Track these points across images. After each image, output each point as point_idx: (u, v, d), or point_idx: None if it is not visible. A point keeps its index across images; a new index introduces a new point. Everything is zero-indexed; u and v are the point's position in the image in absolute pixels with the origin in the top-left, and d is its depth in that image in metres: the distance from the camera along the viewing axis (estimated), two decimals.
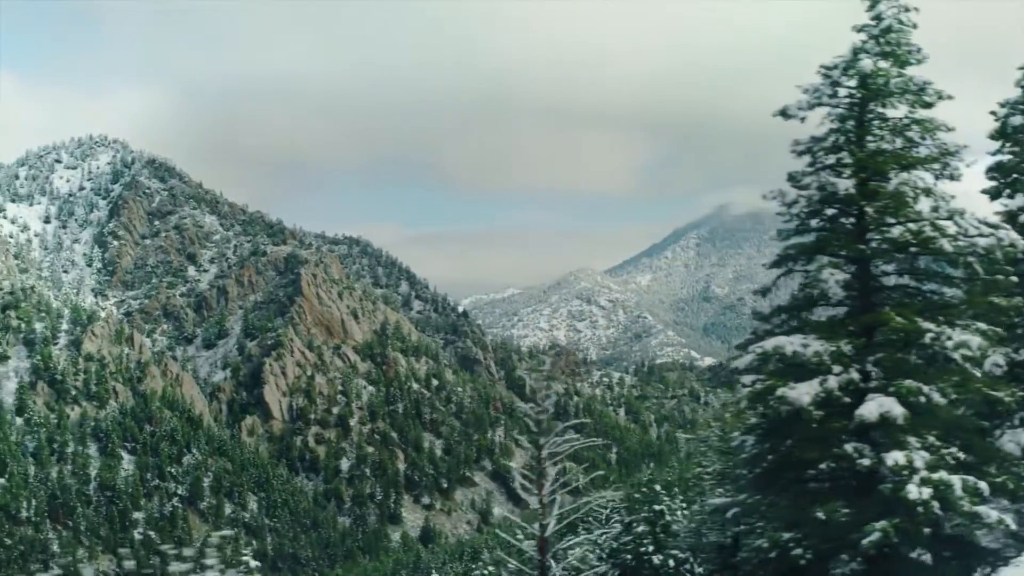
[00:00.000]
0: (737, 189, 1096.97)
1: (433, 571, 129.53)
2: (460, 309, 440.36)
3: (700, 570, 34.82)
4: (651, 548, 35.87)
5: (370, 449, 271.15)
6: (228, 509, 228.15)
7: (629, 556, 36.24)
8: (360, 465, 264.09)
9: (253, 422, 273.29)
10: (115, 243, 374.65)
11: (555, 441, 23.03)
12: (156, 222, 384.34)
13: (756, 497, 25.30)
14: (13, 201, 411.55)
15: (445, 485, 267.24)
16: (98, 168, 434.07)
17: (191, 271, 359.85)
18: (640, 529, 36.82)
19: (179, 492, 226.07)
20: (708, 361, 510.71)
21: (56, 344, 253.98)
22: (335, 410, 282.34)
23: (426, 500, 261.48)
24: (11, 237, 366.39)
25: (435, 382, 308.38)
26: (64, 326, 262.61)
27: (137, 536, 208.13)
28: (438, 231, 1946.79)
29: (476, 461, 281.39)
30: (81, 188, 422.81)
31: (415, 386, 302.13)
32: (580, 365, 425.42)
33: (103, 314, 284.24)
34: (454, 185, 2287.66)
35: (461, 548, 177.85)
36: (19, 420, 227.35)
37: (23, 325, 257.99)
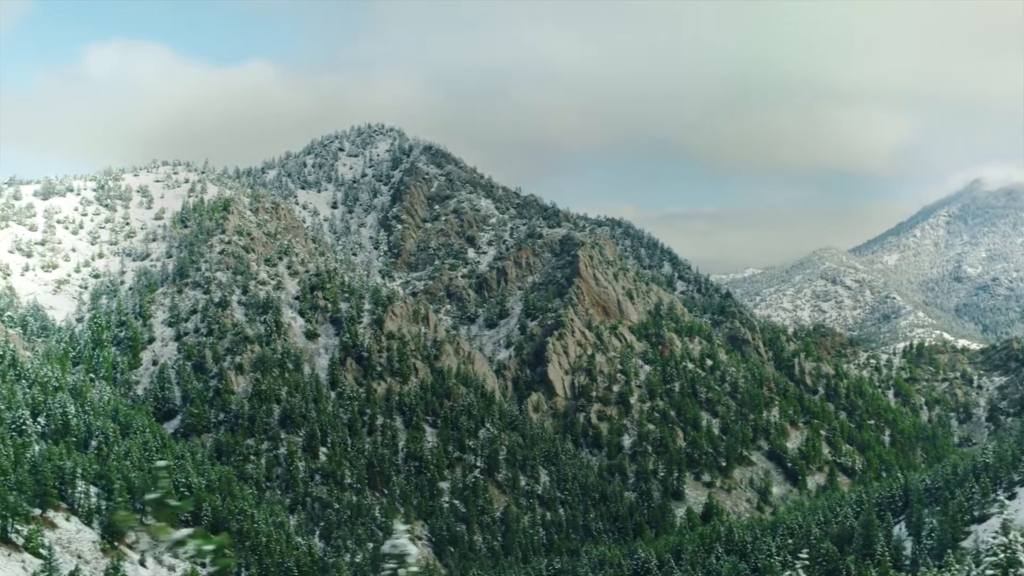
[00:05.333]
0: (991, 165, 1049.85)
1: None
2: (724, 290, 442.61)
3: None
4: None
5: (650, 426, 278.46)
6: (522, 481, 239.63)
7: None
8: (642, 442, 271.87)
9: (538, 399, 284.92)
10: (399, 227, 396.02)
11: None
12: (436, 206, 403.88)
13: None
14: (303, 188, 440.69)
15: (724, 464, 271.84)
16: (378, 155, 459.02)
17: (471, 253, 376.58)
18: None
19: (478, 464, 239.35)
20: (963, 343, 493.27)
21: (360, 323, 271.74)
22: (615, 388, 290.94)
23: (706, 478, 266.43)
24: (304, 222, 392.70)
25: (708, 362, 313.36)
26: (366, 306, 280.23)
27: (444, 504, 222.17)
28: (679, 211, 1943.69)
29: (752, 440, 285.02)
30: (363, 175, 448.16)
31: (690, 366, 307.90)
32: (847, 346, 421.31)
33: (400, 294, 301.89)
34: (701, 165, 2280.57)
35: (764, 525, 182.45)
36: (332, 394, 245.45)
37: (329, 305, 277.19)
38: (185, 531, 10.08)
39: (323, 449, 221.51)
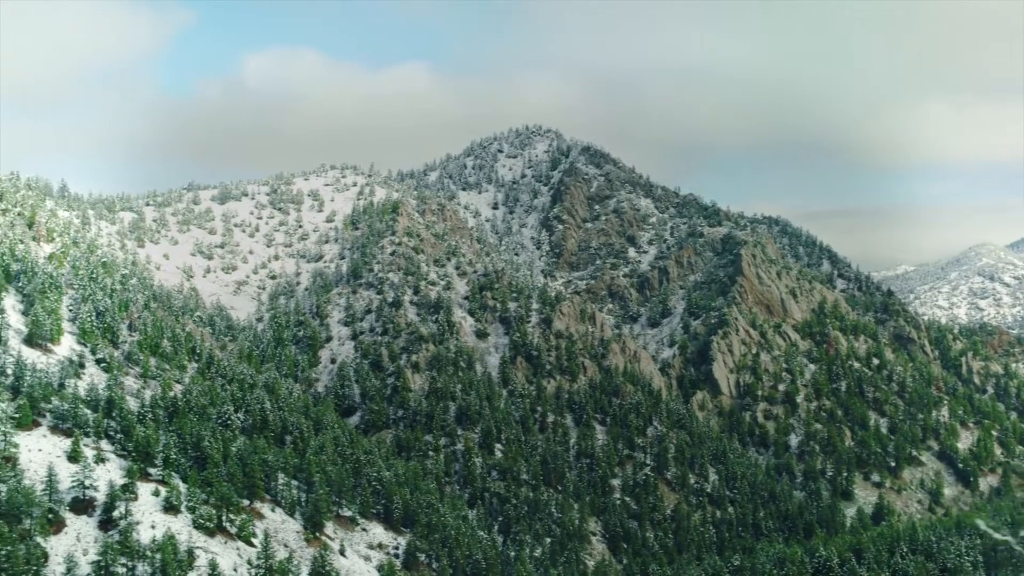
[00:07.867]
0: None
1: None
2: (885, 288, 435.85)
3: None
4: None
5: (817, 426, 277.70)
6: (691, 479, 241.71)
7: None
8: (809, 441, 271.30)
9: (703, 397, 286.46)
10: (559, 227, 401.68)
11: None
12: (596, 206, 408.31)
13: None
14: (464, 189, 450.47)
15: (893, 464, 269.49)
16: (536, 156, 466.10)
17: (631, 253, 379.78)
18: None
19: (647, 462, 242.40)
20: None
21: (529, 322, 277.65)
22: (781, 387, 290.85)
23: (875, 478, 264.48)
24: (467, 223, 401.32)
25: (875, 361, 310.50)
26: (534, 305, 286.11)
27: (616, 501, 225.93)
28: (823, 208, 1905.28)
29: (922, 440, 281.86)
30: (523, 175, 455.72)
31: (856, 364, 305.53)
32: (1014, 344, 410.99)
33: (564, 294, 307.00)
34: (845, 161, 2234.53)
35: (947, 525, 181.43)
36: (504, 392, 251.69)
37: (498, 305, 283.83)
38: None
39: (498, 445, 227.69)
